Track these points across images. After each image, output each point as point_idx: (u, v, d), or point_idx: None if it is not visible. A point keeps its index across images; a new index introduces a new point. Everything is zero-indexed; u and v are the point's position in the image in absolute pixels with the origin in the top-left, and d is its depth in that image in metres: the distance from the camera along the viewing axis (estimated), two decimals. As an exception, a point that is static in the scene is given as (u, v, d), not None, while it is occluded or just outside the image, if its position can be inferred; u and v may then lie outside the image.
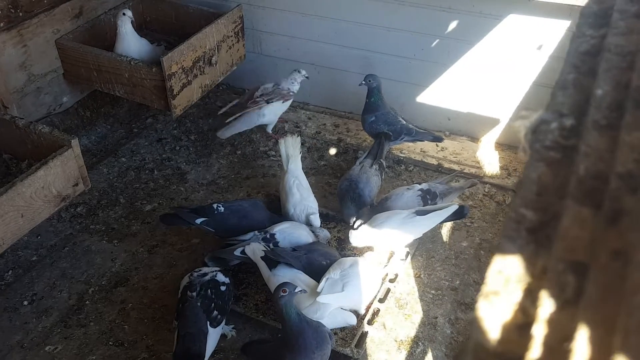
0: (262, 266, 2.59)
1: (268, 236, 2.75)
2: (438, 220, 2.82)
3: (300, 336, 2.15)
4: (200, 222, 2.79)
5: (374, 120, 3.31)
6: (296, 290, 2.19)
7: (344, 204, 3.00)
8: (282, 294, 2.14)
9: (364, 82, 3.25)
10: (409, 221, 2.76)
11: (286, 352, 2.19)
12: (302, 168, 3.47)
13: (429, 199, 2.93)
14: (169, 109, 3.37)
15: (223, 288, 2.50)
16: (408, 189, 2.99)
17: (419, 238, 2.93)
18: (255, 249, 2.63)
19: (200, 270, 2.58)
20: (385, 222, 2.77)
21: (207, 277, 2.52)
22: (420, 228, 2.83)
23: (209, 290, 2.45)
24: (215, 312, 2.41)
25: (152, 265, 2.97)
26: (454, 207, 2.80)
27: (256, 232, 2.78)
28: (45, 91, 3.51)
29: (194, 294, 2.43)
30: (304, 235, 2.79)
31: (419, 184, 3.06)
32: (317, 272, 2.58)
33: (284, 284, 2.20)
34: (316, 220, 2.94)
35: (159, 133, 3.90)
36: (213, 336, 2.40)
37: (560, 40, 3.15)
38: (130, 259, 3.01)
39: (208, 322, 2.38)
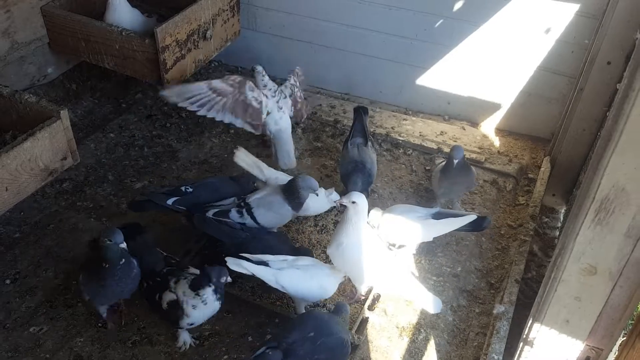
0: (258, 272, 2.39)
1: (242, 203, 2.69)
2: (452, 227, 2.63)
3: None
4: (173, 202, 2.68)
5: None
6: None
7: (352, 185, 2.83)
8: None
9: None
10: (423, 222, 2.62)
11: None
12: (298, 149, 3.37)
13: None
14: (161, 83, 3.22)
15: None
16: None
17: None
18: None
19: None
20: (402, 217, 2.65)
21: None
22: (433, 232, 2.67)
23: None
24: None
25: (143, 245, 2.84)
26: (472, 217, 2.62)
27: (235, 199, 2.73)
28: (29, 61, 3.33)
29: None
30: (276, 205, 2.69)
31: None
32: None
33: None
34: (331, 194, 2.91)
35: (149, 109, 3.74)
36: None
37: (568, 23, 3.08)
38: (119, 238, 2.88)
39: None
